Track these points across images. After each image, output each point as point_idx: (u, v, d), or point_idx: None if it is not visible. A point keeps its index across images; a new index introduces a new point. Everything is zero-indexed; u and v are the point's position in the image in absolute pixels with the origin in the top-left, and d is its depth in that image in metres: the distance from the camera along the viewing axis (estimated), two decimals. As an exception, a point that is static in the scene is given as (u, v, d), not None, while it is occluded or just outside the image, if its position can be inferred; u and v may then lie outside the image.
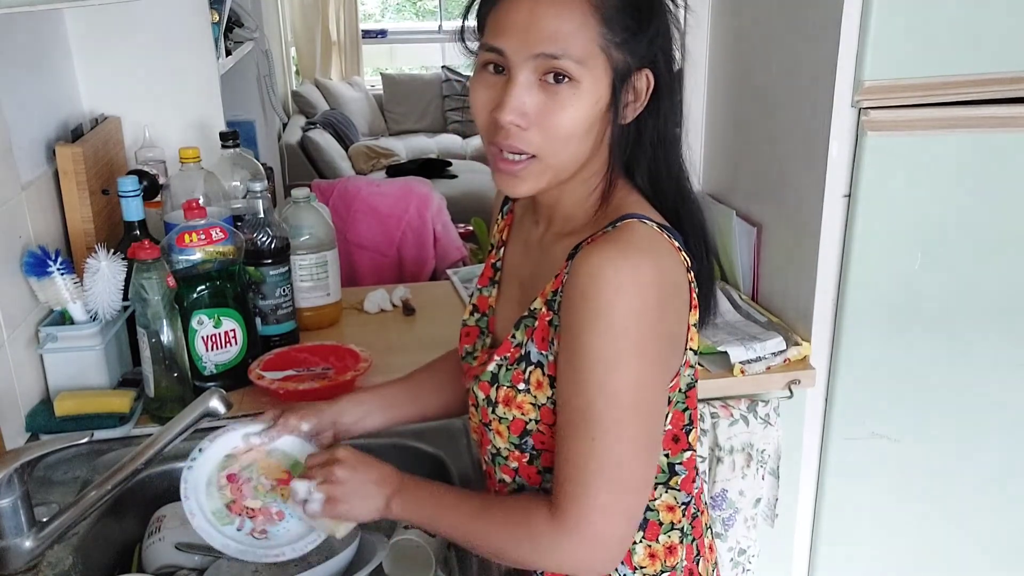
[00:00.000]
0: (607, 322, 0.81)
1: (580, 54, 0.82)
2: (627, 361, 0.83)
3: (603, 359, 0.82)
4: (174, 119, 1.77)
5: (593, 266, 0.82)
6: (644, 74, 0.86)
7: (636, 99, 0.87)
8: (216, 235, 1.38)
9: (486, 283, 1.07)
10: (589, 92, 0.83)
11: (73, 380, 1.34)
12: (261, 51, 3.70)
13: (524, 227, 1.03)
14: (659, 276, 0.84)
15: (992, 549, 1.75)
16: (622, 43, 0.83)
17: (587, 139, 0.86)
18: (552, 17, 0.81)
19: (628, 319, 0.82)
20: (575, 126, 0.84)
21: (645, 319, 0.83)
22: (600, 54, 0.83)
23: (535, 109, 0.83)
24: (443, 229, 3.47)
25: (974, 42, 1.41)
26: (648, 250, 0.85)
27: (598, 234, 0.87)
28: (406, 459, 1.29)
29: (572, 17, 0.81)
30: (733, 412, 1.52)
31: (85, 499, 1.00)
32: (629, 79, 0.85)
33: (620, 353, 0.82)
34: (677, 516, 0.97)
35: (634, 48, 0.84)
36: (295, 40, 6.30)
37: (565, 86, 0.82)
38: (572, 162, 0.87)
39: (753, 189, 1.75)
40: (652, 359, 0.85)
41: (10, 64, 1.39)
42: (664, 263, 0.86)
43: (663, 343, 0.87)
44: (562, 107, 0.83)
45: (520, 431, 0.94)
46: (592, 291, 0.82)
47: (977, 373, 1.61)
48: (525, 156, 0.85)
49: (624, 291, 0.81)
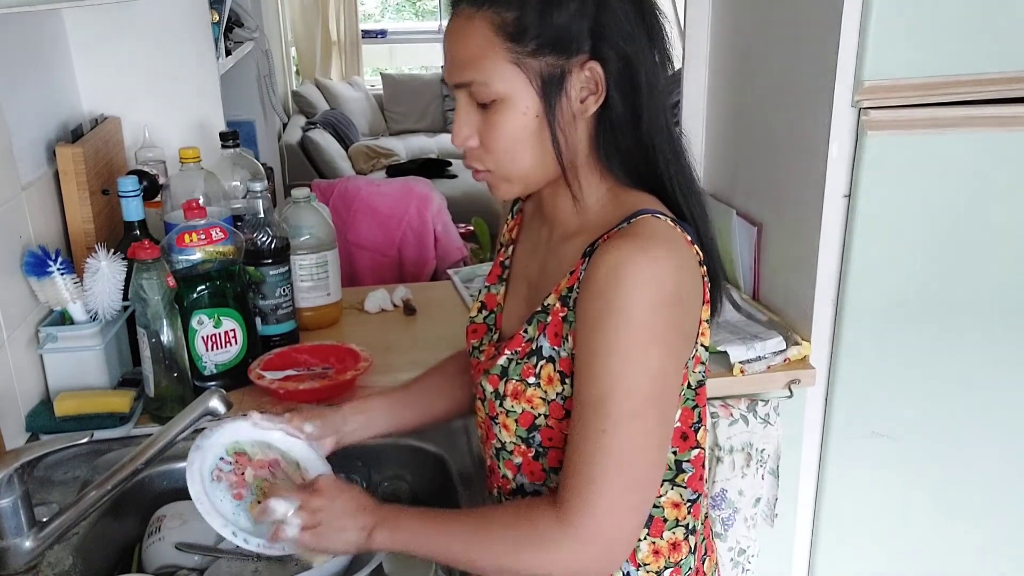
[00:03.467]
0: (627, 315, 0.82)
1: (490, 75, 0.85)
2: (645, 354, 0.83)
3: (621, 352, 0.82)
4: (174, 119, 1.77)
5: (613, 261, 0.83)
6: (585, 66, 0.86)
7: (594, 91, 0.87)
8: (216, 235, 1.38)
9: (495, 281, 1.07)
10: (514, 104, 0.86)
11: (73, 380, 1.34)
12: (261, 51, 3.70)
13: (534, 227, 1.04)
14: (677, 269, 0.85)
15: (992, 548, 1.75)
16: (537, 50, 0.84)
17: (535, 146, 0.88)
18: (458, 46, 0.87)
19: (647, 312, 0.82)
20: (512, 139, 0.88)
21: (664, 312, 0.83)
22: (513, 67, 0.85)
23: (479, 130, 0.89)
24: (443, 229, 3.47)
25: (974, 42, 1.41)
26: (666, 244, 0.85)
27: (613, 231, 0.87)
28: (406, 459, 1.30)
29: (475, 42, 0.85)
30: (733, 411, 1.52)
31: (85, 499, 1.01)
32: (566, 78, 0.85)
33: (639, 346, 0.82)
34: (682, 513, 0.97)
35: (559, 48, 0.84)
36: (295, 40, 6.30)
37: (492, 106, 0.87)
38: (530, 169, 0.89)
39: (753, 189, 1.75)
40: (669, 352, 0.85)
41: (10, 64, 1.39)
42: (681, 257, 0.86)
43: (680, 335, 0.87)
44: (494, 125, 0.87)
45: (528, 425, 0.94)
46: (612, 285, 0.82)
47: (977, 372, 1.61)
48: (484, 170, 0.91)
49: (644, 284, 0.82)
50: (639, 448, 0.84)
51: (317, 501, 0.91)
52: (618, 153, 0.90)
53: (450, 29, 0.88)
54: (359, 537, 0.90)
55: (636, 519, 0.86)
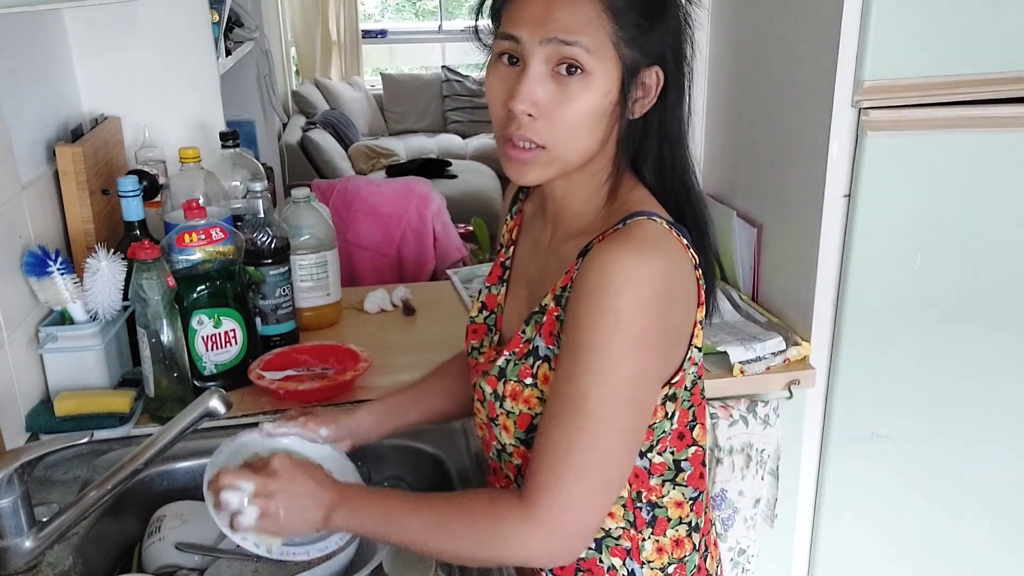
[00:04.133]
0: (615, 315, 0.82)
1: (592, 45, 0.83)
2: (630, 353, 0.83)
3: (607, 350, 0.82)
4: (174, 119, 1.76)
5: (604, 261, 0.83)
6: (654, 71, 0.87)
7: (646, 95, 0.88)
8: (216, 235, 1.38)
9: (495, 281, 1.07)
10: (599, 85, 0.85)
11: (73, 380, 1.34)
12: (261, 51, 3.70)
13: (534, 228, 1.04)
14: (668, 271, 0.85)
15: (992, 548, 1.75)
16: (632, 39, 0.85)
17: (595, 132, 0.87)
18: (566, 9, 0.83)
19: (635, 311, 0.82)
20: (584, 118, 0.86)
21: (652, 312, 0.83)
22: (611, 48, 0.84)
23: (546, 100, 0.85)
24: (443, 229, 3.47)
25: (974, 42, 1.41)
26: (658, 246, 0.86)
27: (609, 232, 0.88)
28: (406, 459, 1.30)
29: (585, 11, 0.83)
30: (733, 412, 1.52)
31: (85, 499, 1.00)
32: (638, 75, 0.87)
33: (624, 345, 0.82)
34: (685, 511, 0.98)
35: (644, 45, 0.85)
36: (295, 40, 6.30)
37: (576, 78, 0.84)
38: (579, 154, 0.89)
39: (753, 189, 1.75)
40: (655, 354, 0.86)
41: (10, 64, 1.39)
42: (674, 259, 0.86)
43: (668, 338, 0.87)
44: (572, 99, 0.84)
45: (526, 426, 0.94)
46: (602, 284, 0.82)
47: (977, 373, 1.61)
48: (534, 145, 0.86)
49: (633, 284, 0.82)
50: (613, 449, 0.85)
51: (273, 484, 0.89)
52: (640, 156, 0.92)
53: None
54: (320, 515, 0.89)
55: (600, 516, 0.88)
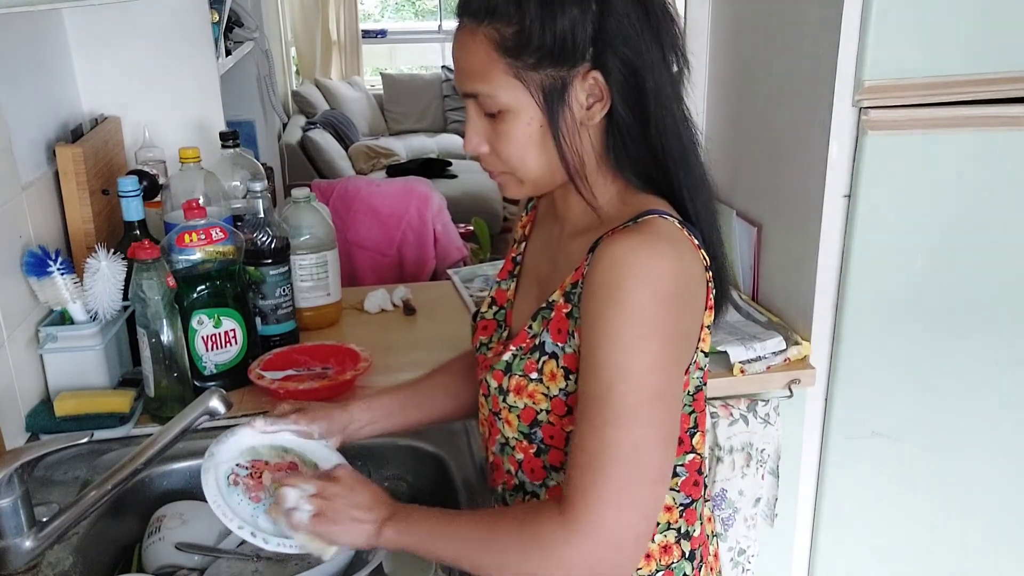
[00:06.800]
0: (628, 307, 0.81)
1: (495, 87, 0.86)
2: (646, 345, 0.82)
3: (622, 343, 0.82)
4: (174, 119, 1.77)
5: (615, 254, 0.83)
6: (590, 76, 0.86)
7: (599, 98, 0.87)
8: (216, 235, 1.38)
9: (505, 276, 1.08)
10: (521, 115, 0.88)
11: (73, 380, 1.34)
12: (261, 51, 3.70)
13: (546, 224, 1.04)
14: (680, 267, 0.85)
15: (993, 548, 1.75)
16: (538, 63, 0.85)
17: (544, 152, 0.89)
18: (465, 60, 0.88)
19: (648, 304, 0.82)
20: (522, 148, 0.89)
21: (665, 305, 0.83)
22: (515, 81, 0.86)
23: (488, 140, 0.91)
24: (443, 229, 3.47)
25: (974, 42, 1.41)
26: (670, 242, 0.85)
27: (619, 228, 0.87)
28: (406, 459, 1.30)
29: (479, 55, 0.87)
30: (733, 412, 1.52)
31: (85, 499, 1.00)
32: (568, 89, 0.86)
33: (639, 338, 0.82)
34: (674, 516, 0.97)
35: (560, 60, 0.85)
36: (295, 40, 6.31)
37: (499, 116, 0.88)
38: (542, 171, 0.91)
39: (753, 189, 1.75)
40: (671, 346, 0.85)
41: (10, 64, 1.39)
42: (685, 257, 0.86)
43: (680, 334, 0.86)
44: (501, 134, 0.89)
45: (530, 420, 0.94)
46: (613, 278, 0.82)
47: (977, 372, 1.61)
48: (501, 171, 0.93)
49: (645, 277, 0.82)
50: (643, 442, 0.81)
51: (334, 488, 0.91)
52: (628, 157, 0.90)
53: (456, 41, 0.89)
54: (372, 528, 0.89)
55: (643, 516, 0.83)
